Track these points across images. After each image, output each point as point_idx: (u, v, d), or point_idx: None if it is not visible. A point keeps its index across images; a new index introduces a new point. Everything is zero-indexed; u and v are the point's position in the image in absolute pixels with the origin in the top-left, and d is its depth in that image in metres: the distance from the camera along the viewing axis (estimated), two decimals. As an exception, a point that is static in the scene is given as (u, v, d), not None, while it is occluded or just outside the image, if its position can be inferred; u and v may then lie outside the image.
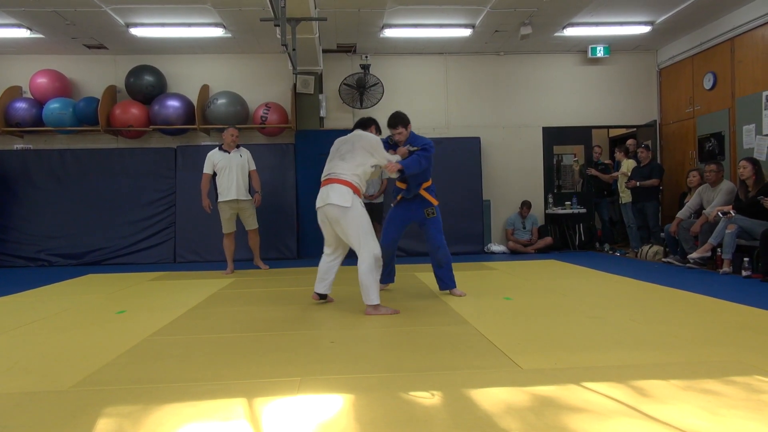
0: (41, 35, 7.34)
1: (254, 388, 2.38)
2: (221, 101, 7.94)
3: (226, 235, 6.54)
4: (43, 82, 7.93)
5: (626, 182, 7.56)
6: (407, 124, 4.37)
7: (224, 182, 6.40)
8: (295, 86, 8.18)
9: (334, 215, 3.85)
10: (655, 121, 8.78)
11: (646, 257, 7.24)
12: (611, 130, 9.75)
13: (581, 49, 8.62)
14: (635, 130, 8.88)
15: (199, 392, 2.34)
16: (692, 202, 6.47)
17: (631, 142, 8.33)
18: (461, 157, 8.25)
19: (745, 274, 5.35)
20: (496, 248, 8.40)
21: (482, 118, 8.72)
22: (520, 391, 2.25)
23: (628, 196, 7.64)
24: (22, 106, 7.82)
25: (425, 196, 4.43)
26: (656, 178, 7.28)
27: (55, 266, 7.72)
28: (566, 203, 8.61)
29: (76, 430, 1.97)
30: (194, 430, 1.96)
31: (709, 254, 5.87)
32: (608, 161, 9.03)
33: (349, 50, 8.39)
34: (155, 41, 7.68)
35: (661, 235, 7.00)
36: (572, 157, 9.20)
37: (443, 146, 4.57)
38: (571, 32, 7.75)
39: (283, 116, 8.13)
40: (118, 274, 6.70)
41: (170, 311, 4.16)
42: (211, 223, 7.37)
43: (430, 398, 2.20)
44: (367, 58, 8.33)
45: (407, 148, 4.32)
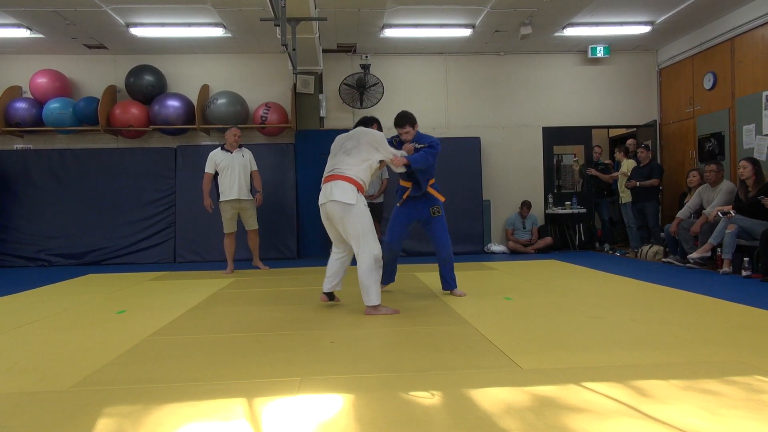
0: (41, 35, 7.34)
1: (254, 388, 2.38)
2: (221, 101, 7.94)
3: (227, 234, 6.55)
4: (43, 82, 7.93)
5: (626, 182, 7.56)
6: (414, 123, 4.37)
7: (226, 182, 6.42)
8: (295, 86, 8.18)
9: (336, 212, 3.80)
10: (655, 121, 8.78)
11: (646, 257, 7.25)
12: (611, 130, 9.75)
13: (581, 49, 8.62)
14: (635, 130, 8.88)
15: (199, 392, 2.34)
16: (692, 202, 6.47)
17: (631, 142, 8.33)
18: (461, 157, 8.25)
19: (745, 274, 5.35)
20: (496, 248, 8.40)
21: (482, 118, 8.72)
22: (520, 391, 2.25)
23: (628, 196, 7.64)
24: (22, 106, 7.83)
25: (432, 193, 4.43)
26: (656, 178, 7.28)
27: (55, 266, 7.72)
28: (566, 203, 8.61)
29: (76, 430, 1.97)
30: (194, 430, 1.96)
31: (709, 254, 5.87)
32: (608, 161, 9.03)
33: (349, 50, 8.39)
34: (155, 41, 7.68)
35: (661, 235, 7.01)
36: (572, 157, 9.20)
37: (443, 146, 4.56)
38: (571, 32, 7.76)
39: (283, 116, 8.13)
40: (118, 274, 6.70)
41: (170, 311, 4.16)
42: (211, 223, 7.37)
43: (430, 398, 2.20)
44: (367, 58, 8.34)
45: (413, 145, 4.32)
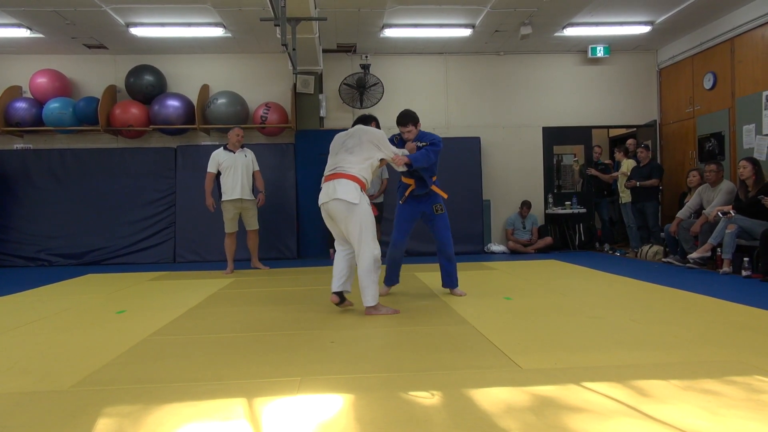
0: (41, 35, 7.34)
1: (254, 388, 2.38)
2: (221, 101, 7.94)
3: (228, 234, 6.56)
4: (43, 81, 7.93)
5: (626, 182, 7.56)
6: (417, 122, 4.37)
7: (229, 181, 6.43)
8: (295, 86, 8.17)
9: (339, 211, 3.73)
10: (655, 121, 8.78)
11: (646, 257, 7.24)
12: (611, 130, 9.75)
13: (581, 49, 8.62)
14: (635, 130, 8.88)
15: (199, 392, 2.34)
16: (692, 202, 6.47)
17: (630, 142, 8.33)
18: (461, 157, 8.25)
19: (745, 274, 5.35)
20: (496, 248, 8.40)
21: (482, 118, 8.72)
22: (520, 391, 2.25)
23: (627, 196, 7.64)
24: (22, 105, 7.82)
25: (435, 190, 4.43)
26: (656, 178, 7.28)
27: (55, 266, 7.72)
28: (566, 203, 8.61)
29: (76, 430, 1.97)
30: (194, 430, 1.96)
31: (709, 254, 5.87)
32: (608, 161, 9.03)
33: (349, 50, 8.39)
34: (155, 41, 7.68)
35: (661, 235, 7.01)
36: (572, 157, 9.20)
37: (443, 146, 4.57)
38: (571, 32, 7.76)
39: (283, 116, 8.13)
40: (118, 274, 6.70)
41: (170, 311, 4.15)
42: (210, 223, 7.38)
43: (430, 398, 2.20)
44: (367, 58, 8.34)
45: (416, 144, 4.32)
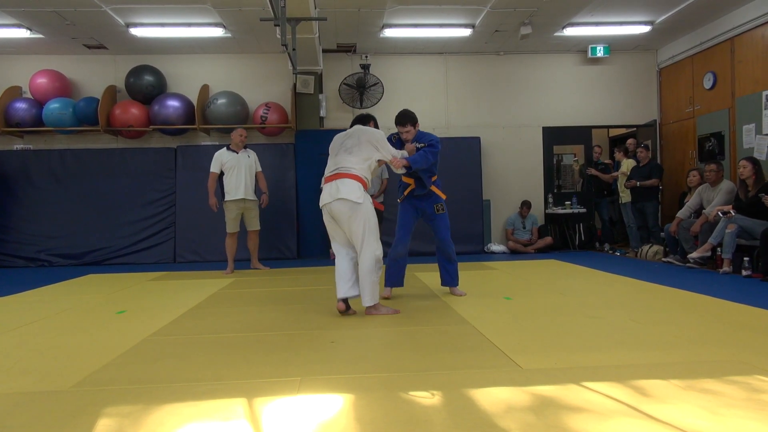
0: (41, 35, 7.34)
1: (254, 388, 2.38)
2: (221, 101, 7.94)
3: (229, 234, 6.57)
4: (43, 82, 7.93)
5: (626, 182, 7.56)
6: (415, 122, 4.37)
7: (232, 181, 6.45)
8: (295, 86, 8.17)
9: (343, 211, 3.70)
10: (655, 120, 8.78)
11: (646, 257, 7.24)
12: (611, 130, 9.75)
13: (581, 49, 8.61)
14: (635, 129, 8.88)
15: (199, 392, 2.34)
16: (692, 201, 6.47)
17: (630, 141, 8.33)
18: (461, 157, 8.25)
19: (745, 273, 5.35)
20: (496, 248, 8.40)
21: (482, 118, 8.72)
22: (520, 391, 2.25)
23: (627, 195, 7.64)
24: (22, 106, 7.82)
25: (434, 190, 4.43)
26: (656, 177, 7.28)
27: (55, 266, 7.72)
28: (566, 203, 8.60)
29: (76, 430, 1.97)
30: (194, 430, 1.96)
31: (709, 254, 5.87)
32: (608, 161, 9.03)
33: (349, 50, 8.39)
34: (155, 41, 7.67)
35: (661, 234, 7.01)
36: (572, 156, 9.20)
37: (443, 146, 4.57)
38: (571, 32, 7.75)
39: (283, 116, 8.13)
40: (118, 274, 6.70)
41: (170, 311, 4.15)
42: (211, 223, 7.39)
43: (430, 398, 2.20)
44: (367, 58, 8.34)
45: (414, 145, 4.32)
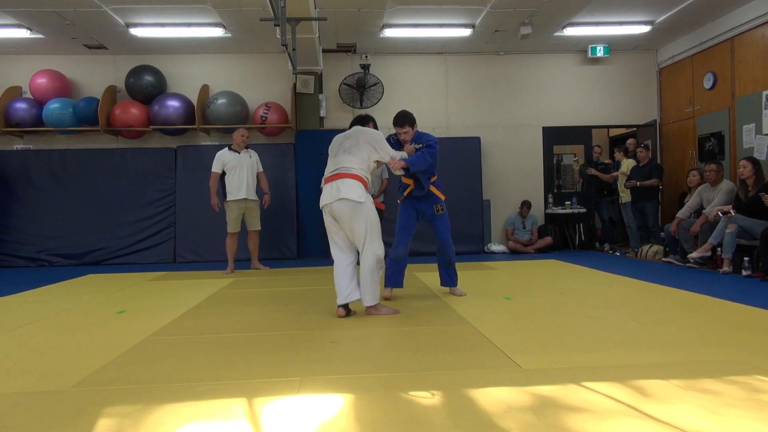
0: (41, 35, 7.34)
1: (254, 388, 2.38)
2: (221, 101, 7.94)
3: (230, 234, 6.57)
4: (43, 82, 7.93)
5: (626, 182, 7.56)
6: (413, 123, 4.36)
7: (234, 181, 6.46)
8: (295, 86, 8.17)
9: (344, 211, 3.69)
10: (655, 120, 8.78)
11: (646, 257, 7.24)
12: (611, 129, 9.75)
13: (581, 48, 8.61)
14: (635, 129, 8.88)
15: (199, 392, 2.34)
16: (692, 201, 6.47)
17: (630, 141, 8.33)
18: (461, 157, 8.25)
19: (745, 273, 5.35)
20: (496, 248, 8.40)
21: (482, 118, 8.72)
22: (520, 391, 2.25)
23: (627, 195, 7.64)
24: (22, 106, 7.82)
25: (433, 191, 4.44)
26: (656, 177, 7.28)
27: (55, 266, 7.72)
28: (566, 203, 8.60)
29: (76, 430, 1.97)
30: (194, 430, 1.96)
31: (709, 254, 5.87)
32: (608, 161, 9.03)
33: (349, 50, 8.39)
34: (155, 41, 7.67)
35: (661, 234, 7.00)
36: (572, 156, 9.20)
37: (443, 146, 4.58)
38: (571, 32, 7.75)
39: (283, 116, 8.13)
40: (118, 274, 6.70)
41: (170, 311, 4.16)
42: (211, 223, 7.39)
43: (430, 398, 2.20)
44: (367, 58, 8.34)
45: (413, 146, 4.32)
